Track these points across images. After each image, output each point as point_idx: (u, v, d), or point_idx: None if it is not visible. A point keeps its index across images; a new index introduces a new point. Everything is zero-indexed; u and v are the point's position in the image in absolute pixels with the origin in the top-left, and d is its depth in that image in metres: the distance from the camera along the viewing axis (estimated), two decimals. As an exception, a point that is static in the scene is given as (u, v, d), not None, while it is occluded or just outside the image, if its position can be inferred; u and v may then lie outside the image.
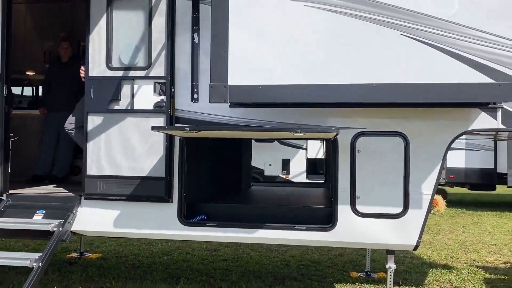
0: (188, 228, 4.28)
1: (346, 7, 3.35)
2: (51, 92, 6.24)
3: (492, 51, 3.25)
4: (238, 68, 3.49)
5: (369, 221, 4.09)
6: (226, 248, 7.54)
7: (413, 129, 4.02)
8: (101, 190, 4.30)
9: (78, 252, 6.87)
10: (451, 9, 3.27)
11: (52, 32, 6.78)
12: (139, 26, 4.30)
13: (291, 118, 4.14)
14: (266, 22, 3.48)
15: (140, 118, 4.25)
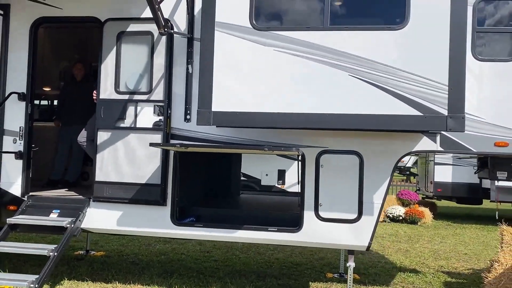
0: (179, 228, 5.09)
1: (306, 52, 4.19)
2: (65, 107, 7.08)
3: (420, 90, 4.08)
4: (220, 98, 4.34)
5: (329, 225, 4.89)
6: (218, 250, 8.31)
7: (367, 149, 4.83)
8: (107, 194, 5.14)
9: (84, 250, 7.67)
10: (389, 56, 4.10)
11: (67, 53, 7.66)
12: (143, 58, 5.16)
13: (269, 137, 4.96)
14: (243, 62, 4.33)
15: (141, 134, 5.09)
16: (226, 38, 4.37)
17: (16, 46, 5.49)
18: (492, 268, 5.62)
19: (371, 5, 4.31)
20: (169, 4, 5.11)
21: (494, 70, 4.76)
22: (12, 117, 5.47)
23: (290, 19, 4.38)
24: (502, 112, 4.74)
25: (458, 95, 4.07)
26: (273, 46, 4.26)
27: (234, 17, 4.36)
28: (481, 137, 4.76)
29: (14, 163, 5.44)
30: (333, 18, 4.23)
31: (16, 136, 5.46)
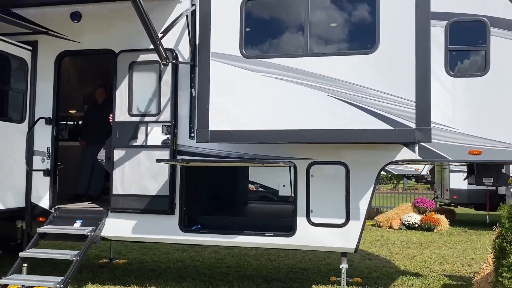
0: (186, 234, 5.70)
1: (289, 76, 4.76)
2: (88, 128, 7.84)
3: (391, 106, 4.58)
4: (216, 118, 4.95)
5: (320, 230, 5.39)
6: (231, 258, 8.86)
7: (352, 159, 5.33)
8: (123, 205, 5.80)
9: (108, 258, 8.36)
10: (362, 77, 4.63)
11: (90, 79, 8.45)
12: (152, 84, 5.83)
13: (265, 151, 5.52)
14: (234, 86, 4.93)
15: (151, 151, 5.74)
16: (220, 66, 4.99)
17: (43, 76, 6.27)
18: (481, 269, 5.99)
19: (345, 33, 4.86)
20: (174, 36, 5.78)
21: (466, 84, 5.21)
22: (40, 139, 6.22)
23: (275, 47, 4.97)
24: (475, 123, 5.17)
25: (424, 110, 4.56)
26: (261, 72, 4.86)
27: (226, 48, 4.98)
28: (456, 146, 5.20)
29: (43, 179, 6.18)
30: (312, 45, 4.80)
31: (44, 155, 6.21)
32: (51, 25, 6.26)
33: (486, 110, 5.16)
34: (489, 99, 5.16)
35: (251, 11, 4.99)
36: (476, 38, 5.24)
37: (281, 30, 4.98)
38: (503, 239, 4.37)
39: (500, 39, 5.16)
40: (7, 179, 5.98)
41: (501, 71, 5.15)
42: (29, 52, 6.25)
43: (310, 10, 4.80)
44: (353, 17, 4.84)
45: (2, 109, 6.03)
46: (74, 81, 8.34)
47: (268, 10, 4.99)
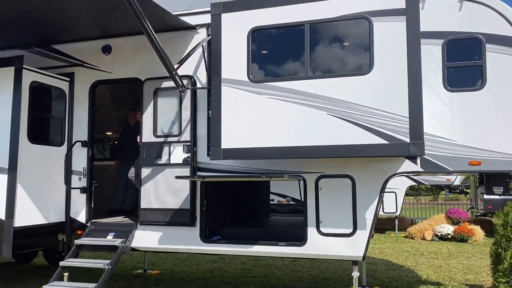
0: (207, 244, 6.19)
1: (293, 98, 5.21)
2: (122, 148, 8.54)
3: (386, 123, 4.93)
4: (227, 138, 5.46)
5: (329, 239, 5.75)
6: (258, 268, 9.28)
7: (358, 172, 5.68)
8: (150, 218, 6.37)
9: (142, 269, 8.97)
10: (359, 97, 5.01)
11: (123, 103, 9.19)
12: (174, 107, 6.42)
13: (276, 166, 5.96)
14: (243, 108, 5.42)
15: (174, 169, 6.30)
16: (230, 90, 5.51)
17: (79, 104, 7.01)
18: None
19: (342, 56, 5.26)
20: (192, 63, 6.36)
21: (463, 98, 5.47)
22: (77, 160, 6.94)
23: (279, 72, 5.43)
24: (473, 135, 5.41)
25: (417, 125, 4.87)
26: (266, 94, 5.34)
27: (235, 73, 5.50)
28: (456, 157, 5.45)
29: (80, 196, 6.88)
30: (313, 69, 5.23)
31: (80, 175, 6.91)
32: (85, 58, 7.02)
33: (484, 122, 5.39)
34: (487, 112, 5.39)
35: (256, 40, 5.50)
36: (472, 54, 5.51)
37: (283, 56, 5.45)
38: (498, 246, 4.59)
39: (495, 55, 5.41)
40: (49, 197, 6.70)
41: (497, 85, 5.38)
42: (67, 83, 7.01)
43: (310, 37, 5.25)
44: (349, 42, 5.25)
45: (45, 134, 6.79)
46: (110, 105, 9.10)
47: (271, 38, 5.48)
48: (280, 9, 5.39)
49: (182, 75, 6.31)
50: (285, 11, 5.38)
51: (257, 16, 5.48)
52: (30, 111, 6.38)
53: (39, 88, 6.58)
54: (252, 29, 5.51)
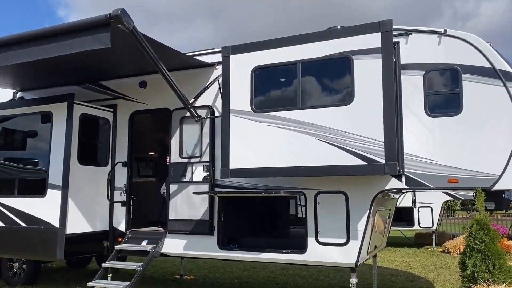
0: (223, 251, 7.16)
1: (287, 125, 6.11)
2: (160, 167, 9.75)
3: (365, 146, 5.69)
4: (235, 159, 6.44)
5: (326, 248, 6.53)
6: (283, 277, 10.10)
7: (351, 189, 6.43)
8: (176, 228, 7.46)
9: (179, 274, 10.08)
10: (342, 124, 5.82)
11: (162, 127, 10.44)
12: (196, 133, 7.50)
13: (280, 183, 6.83)
14: (247, 134, 6.39)
15: (196, 185, 7.36)
16: (236, 119, 6.51)
17: (121, 131, 8.29)
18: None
19: (328, 90, 6.10)
20: (211, 95, 7.43)
21: (443, 123, 6.11)
22: (119, 178, 8.20)
23: (276, 103, 6.34)
24: (452, 155, 6.02)
25: (391, 148, 5.60)
26: (266, 122, 6.29)
27: (241, 105, 6.50)
28: (436, 176, 6.08)
29: (120, 209, 8.12)
30: (303, 101, 6.12)
31: (121, 190, 8.16)
32: (126, 91, 8.32)
33: (461, 144, 5.99)
34: (463, 135, 5.99)
35: (258, 76, 6.48)
36: (450, 83, 6.15)
37: (280, 89, 6.38)
38: (464, 255, 5.20)
39: (471, 83, 6.02)
40: (95, 209, 7.99)
41: (472, 111, 5.98)
42: (111, 113, 8.33)
43: (301, 73, 6.15)
44: (334, 77, 6.08)
45: (92, 157, 8.12)
46: (151, 129, 10.39)
47: (270, 75, 6.42)
48: (277, 51, 6.36)
49: (203, 105, 7.44)
50: (281, 52, 6.33)
51: (258, 56, 6.47)
52: (80, 138, 7.72)
53: (87, 118, 7.93)
54: (255, 68, 6.51)
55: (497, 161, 5.82)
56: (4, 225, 7.80)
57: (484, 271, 4.98)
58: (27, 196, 7.76)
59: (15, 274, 8.70)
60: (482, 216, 5.24)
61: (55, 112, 7.69)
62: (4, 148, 8.47)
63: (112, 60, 7.45)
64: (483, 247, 5.05)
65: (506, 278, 4.90)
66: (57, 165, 7.49)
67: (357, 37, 5.88)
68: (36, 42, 5.73)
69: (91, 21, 5.37)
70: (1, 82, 8.88)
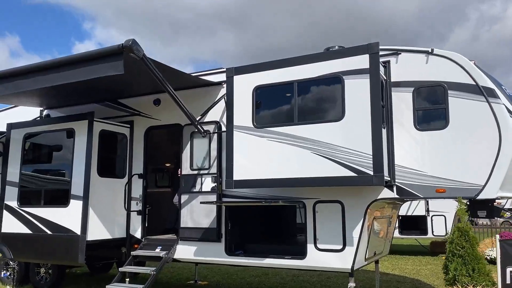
0: (230, 257, 7.69)
1: (285, 139, 6.64)
2: (175, 178, 10.38)
3: (355, 159, 6.16)
4: (238, 171, 7.00)
5: (324, 254, 6.98)
6: (293, 283, 10.53)
7: (346, 198, 6.89)
8: (187, 235, 8.03)
9: (193, 280, 10.65)
10: (334, 138, 6.32)
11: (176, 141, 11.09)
12: (205, 147, 8.10)
13: (282, 193, 7.32)
14: (250, 148, 6.94)
15: (204, 195, 7.93)
16: (240, 134, 7.07)
17: (137, 145, 8.96)
18: None
19: (322, 107, 6.61)
20: (219, 111, 8.01)
21: (431, 136, 6.53)
22: (135, 189, 8.85)
23: (275, 120, 6.88)
24: (439, 167, 6.42)
25: (378, 160, 6.05)
26: (266, 137, 6.83)
27: (243, 121, 7.06)
28: (425, 186, 6.49)
29: (137, 218, 8.76)
30: (300, 117, 6.64)
31: (137, 200, 8.81)
32: (142, 109, 9.00)
33: (448, 156, 6.40)
34: (450, 148, 6.40)
35: (259, 95, 7.04)
36: (437, 99, 6.58)
37: (279, 107, 6.92)
38: (447, 259, 5.60)
39: (456, 99, 6.44)
40: (114, 217, 8.66)
41: (458, 125, 6.39)
42: (128, 129, 9.02)
43: (298, 92, 6.69)
44: (327, 95, 6.59)
45: (111, 169, 8.81)
46: (166, 142, 11.05)
47: (270, 94, 6.97)
48: (275, 71, 6.91)
49: (211, 120, 8.05)
50: (279, 73, 6.88)
51: (259, 77, 7.04)
52: (99, 152, 8.42)
53: (106, 134, 8.64)
54: (256, 87, 7.07)
55: (481, 172, 6.20)
56: (32, 233, 8.54)
57: (464, 274, 5.37)
58: (52, 206, 8.49)
59: (42, 279, 9.45)
60: (463, 223, 5.62)
61: (77, 128, 8.42)
62: (32, 162, 9.25)
63: (129, 81, 8.12)
64: (463, 253, 5.44)
65: (484, 281, 5.27)
66: (79, 177, 8.19)
67: (347, 59, 6.39)
68: (58, 69, 6.44)
69: (106, 50, 6.05)
70: (30, 102, 9.72)
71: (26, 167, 9.07)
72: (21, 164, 9.07)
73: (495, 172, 6.12)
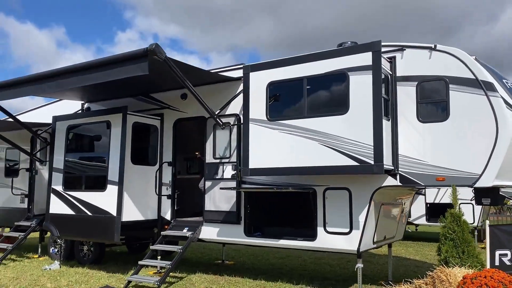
0: (249, 238, 8.41)
1: (295, 131, 7.23)
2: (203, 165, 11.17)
3: (357, 149, 6.68)
4: (253, 160, 7.66)
5: (333, 236, 7.57)
6: (314, 265, 11.15)
7: (353, 185, 7.42)
8: (211, 217, 8.82)
9: (221, 260, 11.49)
10: (339, 130, 6.85)
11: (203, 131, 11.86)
12: (226, 137, 8.81)
13: (296, 180, 7.92)
14: (263, 139, 7.58)
15: (226, 182, 8.67)
16: (255, 126, 7.73)
17: (166, 135, 9.80)
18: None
19: (329, 102, 7.14)
20: (238, 105, 8.67)
21: (432, 128, 6.94)
22: (165, 175, 9.71)
23: (286, 113, 7.47)
24: (440, 157, 6.84)
25: (378, 151, 6.54)
26: (278, 129, 7.45)
27: (258, 115, 7.71)
28: (426, 174, 6.93)
29: (167, 201, 9.63)
30: (309, 111, 7.21)
31: (167, 185, 9.67)
32: (171, 102, 9.80)
33: (448, 147, 6.79)
34: (450, 139, 6.79)
35: (272, 90, 7.66)
36: (439, 93, 6.96)
37: (290, 101, 7.50)
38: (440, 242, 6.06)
39: (457, 93, 6.80)
40: (147, 201, 9.57)
41: (458, 117, 6.76)
42: (159, 121, 9.86)
43: (307, 88, 7.25)
44: (333, 92, 7.11)
45: (144, 158, 9.71)
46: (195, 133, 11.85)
47: (282, 89, 7.57)
48: (287, 68, 7.49)
49: (231, 113, 8.74)
50: (290, 69, 7.45)
51: (272, 73, 7.64)
52: (133, 142, 9.30)
53: (138, 126, 9.51)
54: (269, 83, 7.69)
55: (479, 162, 6.57)
56: (74, 213, 9.60)
57: (455, 256, 5.82)
58: (92, 190, 9.50)
59: (85, 255, 10.55)
60: (456, 209, 6.06)
61: (113, 121, 9.33)
62: (75, 150, 10.30)
63: (159, 77, 8.93)
64: (454, 236, 5.89)
65: (473, 262, 5.72)
66: (114, 165, 9.12)
67: (352, 56, 6.88)
68: (92, 70, 7.31)
69: (133, 53, 6.82)
70: (73, 96, 10.74)
71: (69, 155, 10.13)
72: (65, 152, 10.12)
73: (491, 162, 6.48)
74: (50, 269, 9.83)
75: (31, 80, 8.33)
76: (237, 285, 8.44)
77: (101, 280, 8.87)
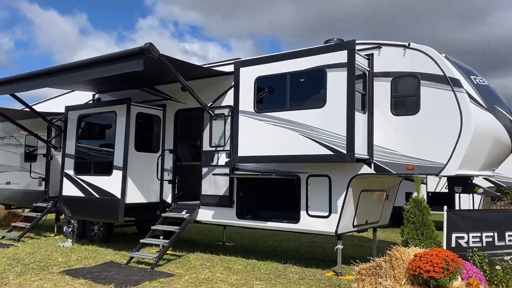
0: (241, 220, 9.15)
1: (278, 123, 7.88)
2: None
3: (332, 140, 7.29)
4: (242, 148, 8.36)
5: (314, 219, 8.24)
6: (308, 248, 11.83)
7: (333, 173, 8.05)
8: (206, 201, 9.58)
9: (222, 241, 12.28)
10: (317, 122, 7.46)
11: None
12: (221, 127, 9.51)
13: (282, 168, 8.61)
14: (251, 129, 8.26)
15: (220, 168, 9.40)
16: (243, 118, 8.40)
17: (168, 125, 10.57)
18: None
19: (309, 96, 7.75)
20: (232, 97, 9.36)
21: (404, 121, 7.49)
22: (167, 162, 10.50)
23: (272, 106, 8.12)
24: (410, 147, 7.39)
25: (350, 141, 7.14)
26: (264, 121, 8.12)
27: (247, 107, 8.37)
28: (397, 163, 7.50)
29: (168, 186, 10.44)
30: (291, 104, 7.84)
31: (169, 171, 10.46)
32: (172, 94, 10.55)
33: (418, 138, 7.35)
34: (420, 131, 7.34)
35: (260, 84, 8.31)
36: (411, 88, 7.49)
37: (275, 95, 8.15)
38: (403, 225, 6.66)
39: (427, 88, 7.32)
40: (149, 185, 10.39)
41: (428, 111, 7.30)
42: (162, 111, 10.63)
43: (290, 82, 7.87)
44: (313, 87, 7.72)
45: (146, 145, 10.51)
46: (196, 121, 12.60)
47: (268, 83, 8.20)
48: (273, 64, 8.12)
49: (225, 105, 9.43)
50: (276, 65, 8.08)
51: (260, 69, 8.29)
52: (136, 130, 10.11)
53: (142, 115, 10.30)
54: (257, 78, 8.34)
55: (444, 153, 7.12)
56: (84, 196, 10.51)
57: (415, 238, 6.42)
58: (99, 175, 10.37)
59: (96, 234, 11.49)
60: (418, 195, 6.63)
61: (118, 111, 10.14)
62: (85, 138, 11.18)
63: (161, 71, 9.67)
64: (415, 220, 6.49)
65: (430, 244, 6.31)
66: (119, 152, 9.95)
67: (330, 54, 7.46)
68: (95, 66, 8.13)
69: (130, 51, 7.57)
70: (84, 87, 11.61)
71: (80, 142, 11.02)
72: (76, 139, 11.02)
73: (455, 153, 7.02)
74: (63, 246, 10.79)
75: (41, 74, 9.23)
76: (230, 263, 9.19)
77: (107, 256, 9.76)
